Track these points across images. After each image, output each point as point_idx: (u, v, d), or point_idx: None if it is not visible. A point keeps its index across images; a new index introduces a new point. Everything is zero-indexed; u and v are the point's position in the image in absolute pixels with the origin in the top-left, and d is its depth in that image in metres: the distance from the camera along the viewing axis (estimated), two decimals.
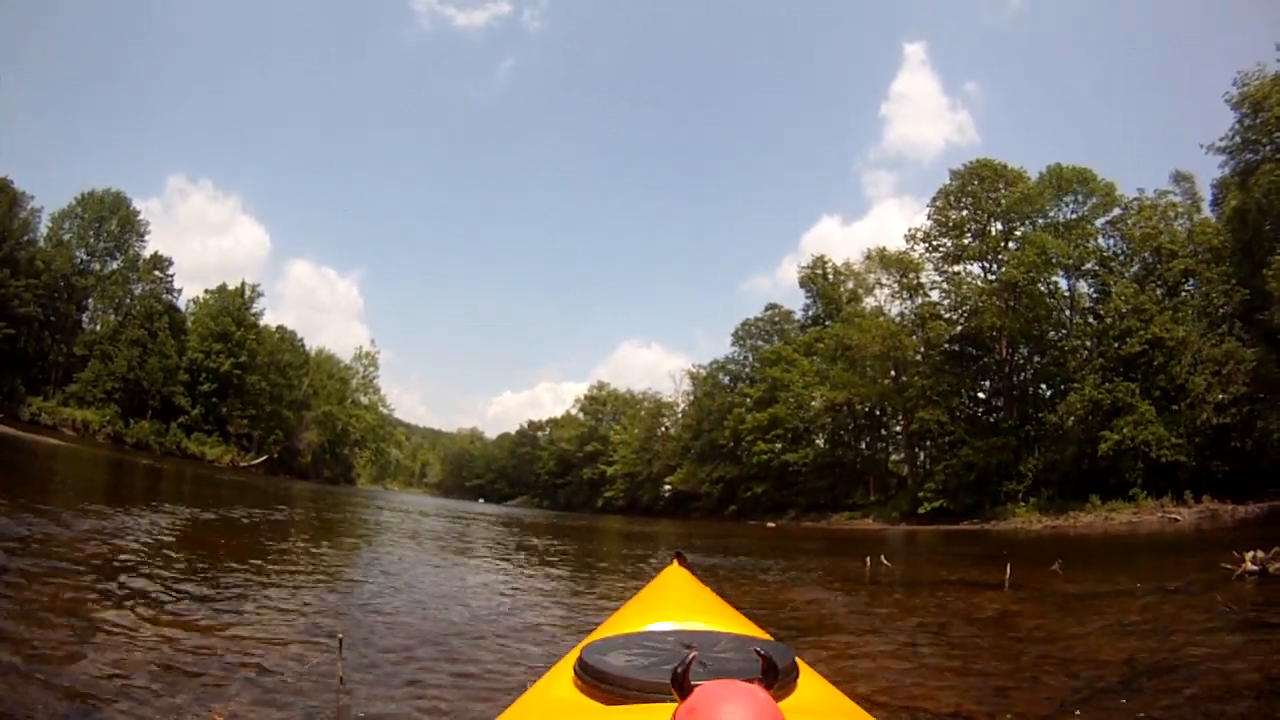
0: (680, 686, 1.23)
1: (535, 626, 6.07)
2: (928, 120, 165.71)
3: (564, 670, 1.91)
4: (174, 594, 5.76)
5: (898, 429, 58.25)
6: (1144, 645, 5.67)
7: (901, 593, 10.00)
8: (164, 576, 6.42)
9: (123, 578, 6.15)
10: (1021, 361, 48.66)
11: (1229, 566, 9.75)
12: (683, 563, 3.38)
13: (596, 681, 1.70)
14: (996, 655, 5.52)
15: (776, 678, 1.50)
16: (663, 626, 2.29)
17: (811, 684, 1.84)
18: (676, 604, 2.64)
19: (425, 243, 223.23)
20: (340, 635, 4.35)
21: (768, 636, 2.37)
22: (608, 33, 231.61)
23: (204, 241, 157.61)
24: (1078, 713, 3.99)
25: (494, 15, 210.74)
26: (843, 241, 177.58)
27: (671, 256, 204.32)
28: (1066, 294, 46.70)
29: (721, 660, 1.77)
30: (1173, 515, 31.74)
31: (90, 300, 58.61)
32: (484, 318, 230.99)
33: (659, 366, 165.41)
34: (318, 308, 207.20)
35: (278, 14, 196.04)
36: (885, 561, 14.03)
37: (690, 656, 1.29)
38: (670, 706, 1.21)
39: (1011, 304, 45.67)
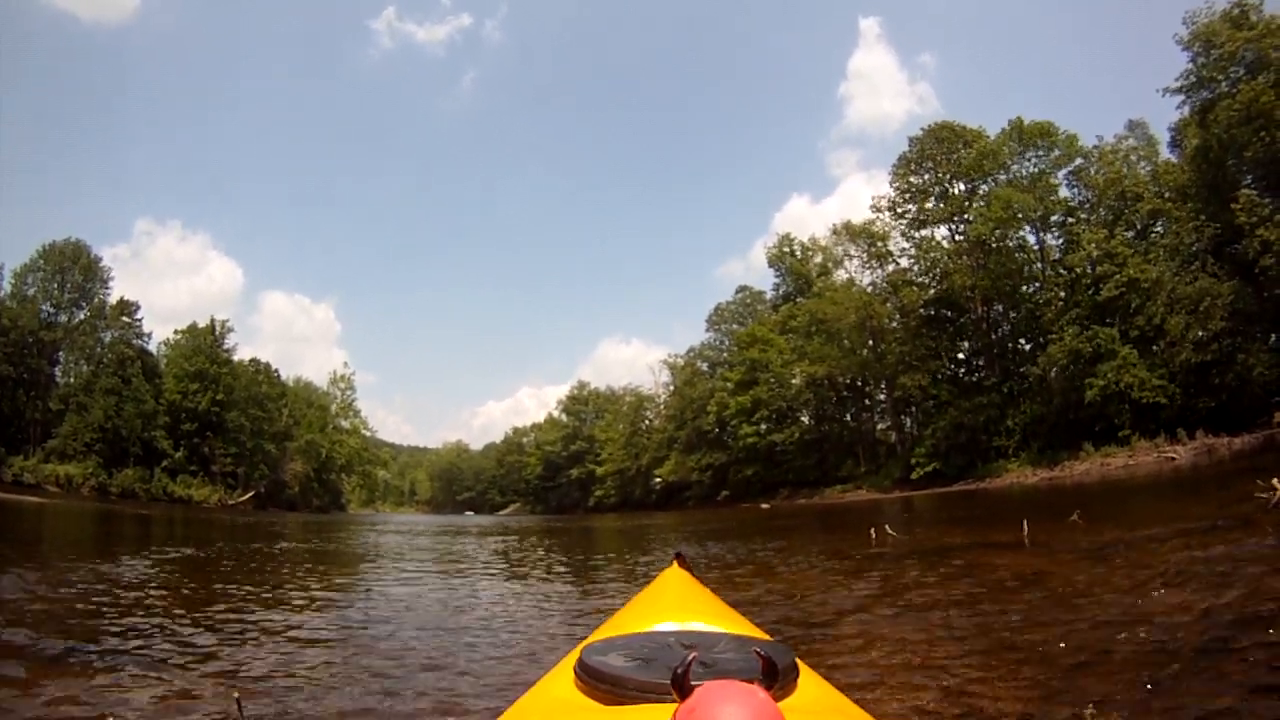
0: (680, 687, 1.24)
1: (504, 658, 5.46)
2: (888, 95, 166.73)
3: (564, 670, 1.90)
4: (98, 651, 5.13)
5: (881, 397, 58.41)
6: (1210, 595, 5.10)
7: (916, 564, 9.39)
8: (97, 631, 5.77)
9: (50, 635, 5.55)
10: (997, 318, 48.78)
11: (1263, 496, 9.34)
12: (683, 563, 3.31)
13: (596, 682, 1.68)
14: (1047, 628, 4.89)
15: (776, 678, 1.53)
16: (663, 627, 2.27)
17: (811, 684, 1.82)
18: (676, 604, 2.61)
19: (398, 261, 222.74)
20: (237, 694, 3.82)
21: (767, 636, 2.34)
22: (568, 35, 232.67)
23: (176, 282, 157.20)
24: (1165, 688, 3.42)
25: (455, 29, 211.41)
26: (813, 219, 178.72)
27: (644, 251, 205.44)
28: (1036, 248, 46.75)
29: (722, 660, 1.73)
30: (1169, 455, 31.68)
31: (60, 353, 57.53)
32: (462, 330, 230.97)
33: (640, 361, 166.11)
34: (296, 338, 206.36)
35: (235, 44, 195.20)
36: (891, 531, 13.59)
37: (690, 657, 1.31)
38: (670, 707, 1.22)
39: (981, 262, 45.80)
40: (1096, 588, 6.13)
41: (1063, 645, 4.34)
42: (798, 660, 1.82)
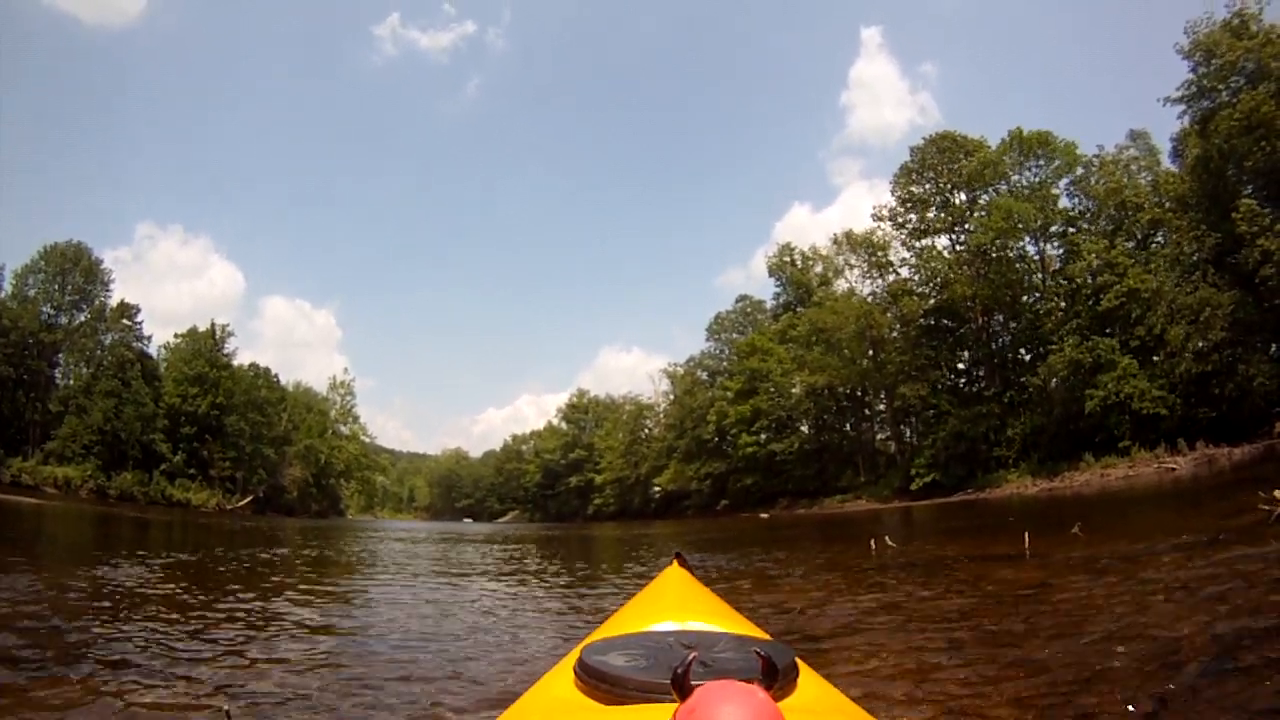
0: (680, 687, 1.25)
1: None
2: (889, 104, 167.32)
3: (564, 670, 1.91)
4: (89, 659, 5.01)
5: (881, 407, 58.33)
6: (1217, 610, 5.03)
7: (916, 575, 9.27)
8: (88, 638, 5.64)
9: (40, 640, 5.44)
10: (997, 328, 48.73)
11: (1266, 508, 9.27)
12: (683, 563, 3.28)
13: (597, 681, 1.69)
14: (1050, 643, 4.82)
15: (776, 678, 1.54)
16: (663, 627, 2.27)
17: (811, 684, 1.82)
18: (676, 604, 2.60)
19: (399, 268, 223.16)
20: (227, 708, 3.75)
21: (768, 636, 2.34)
22: (571, 42, 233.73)
23: (178, 286, 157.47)
24: (1172, 707, 3.31)
25: (459, 35, 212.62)
26: (814, 229, 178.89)
27: (646, 259, 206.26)
28: (1036, 258, 46.76)
29: (721, 660, 1.75)
30: (1169, 465, 31.58)
31: (60, 355, 57.50)
32: (463, 337, 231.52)
33: (640, 369, 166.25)
34: (297, 343, 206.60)
35: (238, 49, 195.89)
36: (890, 542, 13.51)
37: (690, 657, 1.32)
38: (670, 707, 1.22)
39: (982, 272, 45.74)
40: (1099, 601, 6.03)
41: (1066, 661, 4.26)
42: (798, 660, 1.83)
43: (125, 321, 59.42)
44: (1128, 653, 4.32)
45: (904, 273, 53.00)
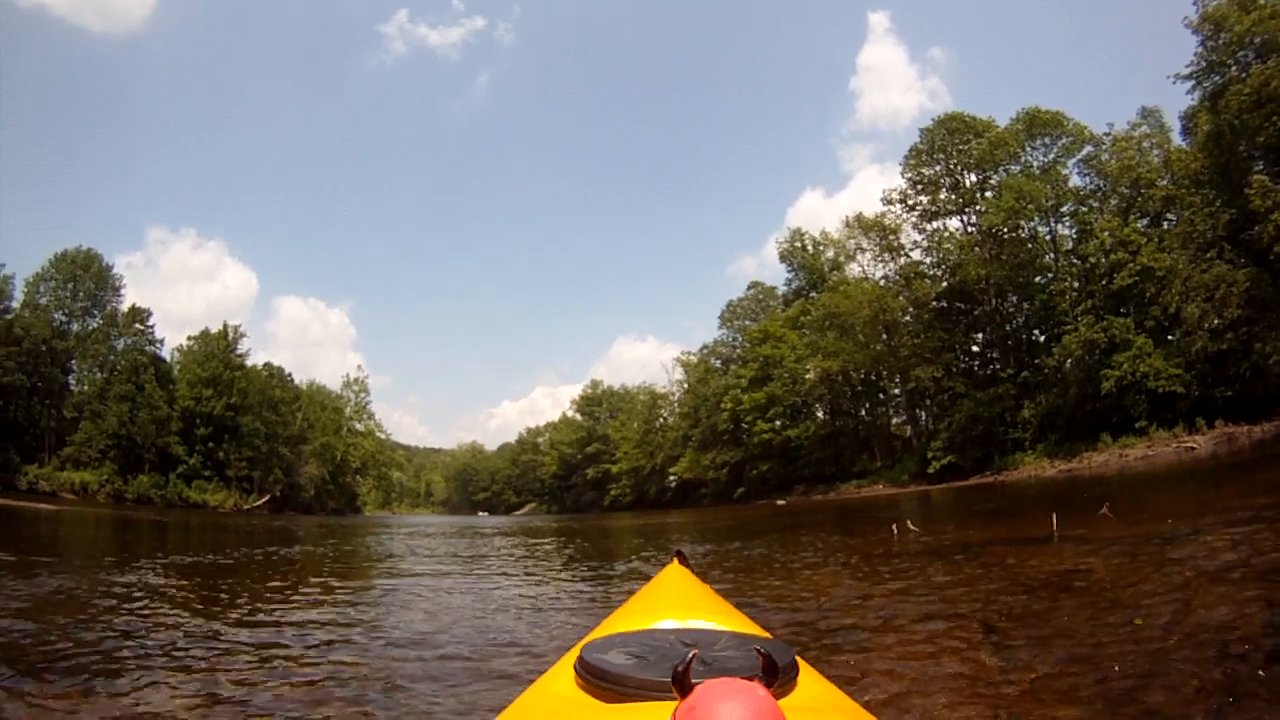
0: (681, 685, 1.25)
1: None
2: (898, 89, 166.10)
3: (565, 668, 1.92)
4: (84, 664, 4.95)
5: (896, 391, 58.18)
6: (1267, 592, 4.87)
7: (943, 562, 9.00)
8: (89, 642, 5.58)
9: (39, 645, 5.40)
10: (1011, 310, 48.53)
11: None
12: (683, 561, 3.34)
13: (597, 679, 1.70)
14: (1095, 632, 4.60)
15: (777, 676, 1.52)
16: (663, 625, 2.28)
17: (811, 682, 1.84)
18: (677, 602, 2.63)
19: (413, 263, 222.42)
20: None
21: (768, 635, 2.36)
22: (580, 35, 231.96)
23: (191, 289, 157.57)
24: (1240, 703, 3.18)
25: (469, 31, 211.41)
26: (827, 214, 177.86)
27: (658, 248, 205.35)
28: (1048, 238, 46.47)
29: (722, 658, 1.77)
30: (1188, 445, 31.39)
31: (74, 361, 57.94)
32: (477, 331, 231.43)
33: (654, 359, 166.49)
34: (312, 342, 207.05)
35: (246, 51, 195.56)
36: (912, 527, 13.41)
37: (691, 655, 1.32)
38: (671, 705, 1.24)
39: (994, 253, 45.53)
40: (1141, 586, 5.91)
41: (1117, 652, 4.14)
42: (798, 658, 1.84)
43: (138, 326, 59.82)
44: (1182, 642, 4.18)
45: (916, 255, 52.96)
